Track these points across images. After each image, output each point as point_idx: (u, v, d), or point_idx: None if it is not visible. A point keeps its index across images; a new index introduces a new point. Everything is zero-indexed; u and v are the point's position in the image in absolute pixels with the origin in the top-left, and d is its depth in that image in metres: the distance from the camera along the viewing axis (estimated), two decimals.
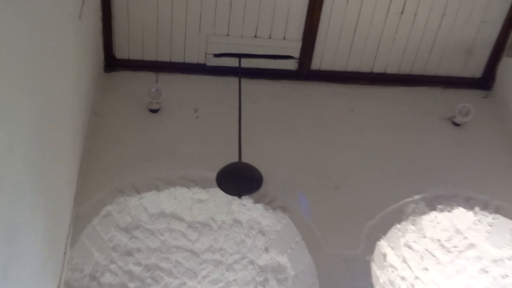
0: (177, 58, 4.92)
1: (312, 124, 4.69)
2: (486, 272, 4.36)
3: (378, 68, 5.08)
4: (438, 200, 4.28)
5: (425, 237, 4.30)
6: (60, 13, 3.32)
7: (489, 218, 4.26)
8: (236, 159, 3.92)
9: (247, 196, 4.06)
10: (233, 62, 4.92)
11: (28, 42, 2.69)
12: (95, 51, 4.53)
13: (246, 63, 4.90)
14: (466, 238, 4.33)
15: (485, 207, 4.27)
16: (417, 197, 4.27)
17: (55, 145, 3.31)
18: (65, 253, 3.65)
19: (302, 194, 4.18)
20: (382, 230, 4.09)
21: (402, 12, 4.77)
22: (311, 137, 4.59)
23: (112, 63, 4.86)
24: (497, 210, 4.26)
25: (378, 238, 4.05)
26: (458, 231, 4.32)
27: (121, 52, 4.85)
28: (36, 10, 2.82)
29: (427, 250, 4.34)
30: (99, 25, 4.60)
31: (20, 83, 2.60)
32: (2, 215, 2.48)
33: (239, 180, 3.85)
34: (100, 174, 4.11)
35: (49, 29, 3.08)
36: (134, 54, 4.87)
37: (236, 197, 3.90)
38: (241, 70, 4.80)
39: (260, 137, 4.48)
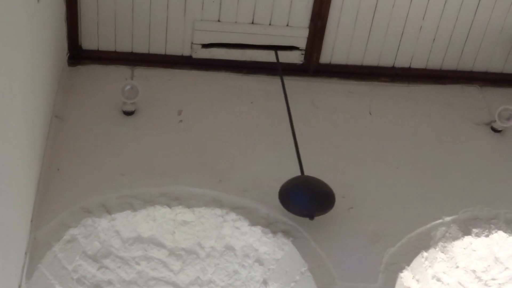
0: (157, 49, 4.96)
1: (321, 130, 4.72)
2: None
3: (402, 62, 5.13)
4: (473, 223, 4.29)
5: (457, 267, 4.29)
6: None
7: None
8: (231, 172, 3.98)
9: (232, 217, 4.13)
10: (224, 54, 4.95)
11: None
12: (57, 41, 4.54)
13: (240, 55, 4.92)
14: (507, 268, 4.34)
15: None
16: (448, 219, 4.28)
17: (5, 156, 3.30)
18: (19, 287, 3.64)
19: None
20: (405, 259, 4.08)
21: None
22: (319, 145, 4.60)
23: (77, 55, 4.88)
24: None
25: (401, 268, 4.03)
26: (497, 260, 4.32)
27: (89, 42, 4.88)
28: None
29: (460, 284, 4.33)
30: (62, 9, 4.62)
31: None
32: None
33: (312, 198, 3.99)
34: (63, 191, 4.10)
35: (5, 15, 3.09)
36: (104, 44, 4.91)
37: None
38: (230, 63, 4.84)
39: (258, 146, 4.51)
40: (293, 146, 4.30)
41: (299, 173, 4.16)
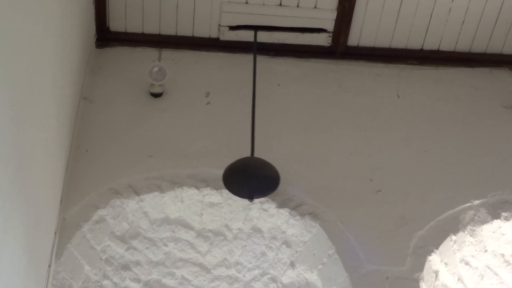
0: (185, 31, 4.94)
1: (348, 114, 4.70)
2: None
3: (430, 44, 5.07)
4: (502, 207, 4.28)
5: (486, 251, 4.29)
6: None
7: None
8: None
9: (266, 199, 4.12)
10: (252, 36, 4.93)
11: (3, 10, 2.70)
12: (85, 23, 4.55)
13: (268, 37, 4.91)
14: None
15: None
16: (476, 202, 4.27)
17: (36, 137, 3.32)
18: (49, 266, 3.68)
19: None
20: (433, 242, 4.10)
21: None
22: (347, 129, 4.59)
23: (105, 37, 4.88)
24: None
25: (429, 252, 4.05)
26: None
27: (117, 23, 4.88)
28: None
29: (488, 267, 4.34)
30: None
31: None
32: None
33: (250, 179, 3.91)
34: (92, 172, 4.14)
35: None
36: (132, 26, 4.90)
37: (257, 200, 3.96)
38: (259, 45, 4.81)
39: (284, 129, 4.51)
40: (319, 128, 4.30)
41: (324, 155, 4.18)
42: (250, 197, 3.93)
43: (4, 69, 2.73)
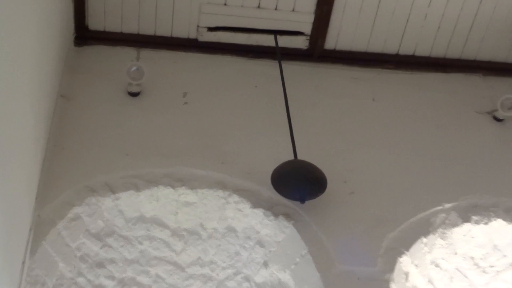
0: (163, 31, 4.96)
1: (324, 116, 4.72)
2: None
3: (406, 49, 5.13)
4: (473, 210, 4.29)
5: (456, 254, 4.31)
6: None
7: None
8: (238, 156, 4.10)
9: (234, 199, 4.16)
10: (230, 38, 4.95)
11: None
12: (63, 21, 4.53)
13: (246, 39, 4.92)
14: (505, 256, 4.35)
15: None
16: (448, 205, 4.29)
17: (11, 134, 3.30)
18: (23, 263, 3.66)
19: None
20: (404, 244, 4.10)
21: None
22: (322, 131, 4.61)
23: (84, 35, 4.88)
24: None
25: (400, 253, 4.05)
26: (496, 247, 4.33)
27: (96, 22, 4.88)
28: None
29: (458, 270, 4.35)
30: None
31: None
32: None
33: (303, 182, 4.00)
34: (68, 170, 4.12)
35: None
36: (111, 25, 4.90)
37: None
38: (239, 47, 4.84)
39: (260, 130, 4.52)
40: (297, 130, 4.31)
41: (299, 157, 4.19)
42: (303, 200, 4.00)
43: None
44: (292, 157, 4.19)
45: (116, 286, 4.24)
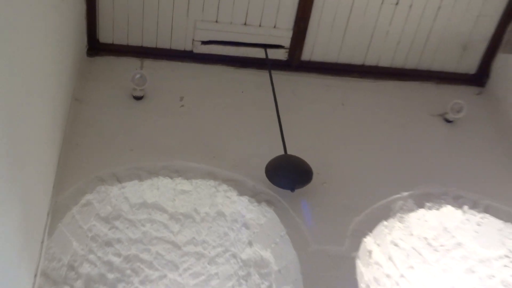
0: (163, 44, 4.94)
1: (301, 118, 4.71)
2: (473, 272, 4.39)
3: (371, 61, 5.13)
4: (426, 198, 4.30)
5: (412, 235, 4.32)
6: None
7: (477, 217, 4.29)
8: (225, 152, 4.09)
9: (223, 187, 4.15)
10: (220, 50, 4.94)
11: (4, 21, 2.68)
12: (77, 34, 4.52)
13: (235, 51, 4.92)
14: (453, 237, 4.37)
15: (474, 206, 4.30)
16: (405, 194, 4.29)
17: (32, 132, 3.29)
18: (42, 242, 3.65)
19: (304, 202, 4.18)
20: (368, 226, 4.10)
21: (397, 3, 4.81)
22: (299, 130, 4.59)
23: (95, 47, 4.86)
24: (486, 210, 4.29)
25: (364, 235, 4.05)
26: (445, 229, 4.35)
27: (105, 36, 4.86)
28: None
29: (413, 248, 4.36)
30: (82, 6, 4.59)
31: None
32: None
33: (292, 173, 4.01)
34: (81, 162, 4.10)
35: (29, 10, 3.07)
36: (118, 38, 4.88)
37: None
38: (229, 58, 4.84)
39: (245, 129, 4.52)
40: (277, 129, 4.29)
41: (282, 152, 4.16)
42: (292, 189, 3.99)
43: (5, 73, 2.72)
44: (276, 153, 4.17)
45: (122, 262, 4.23)
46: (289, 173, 4.03)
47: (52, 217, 3.81)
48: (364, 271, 4.02)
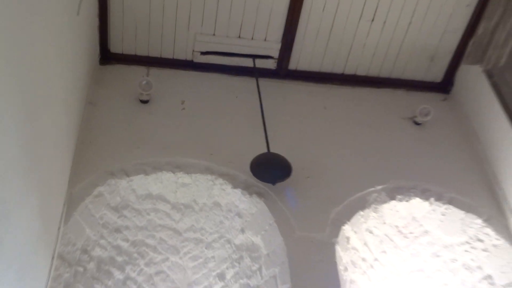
0: (167, 54, 4.93)
1: (288, 119, 4.72)
2: (438, 256, 4.42)
3: (349, 70, 5.13)
4: (397, 191, 4.32)
5: (384, 223, 4.34)
6: (59, 9, 3.31)
7: (442, 208, 4.32)
8: (219, 150, 4.10)
9: (219, 181, 4.16)
10: (217, 60, 4.95)
11: (26, 34, 2.69)
12: (91, 45, 4.53)
13: (229, 61, 4.93)
14: (421, 225, 4.39)
15: (439, 198, 4.32)
16: (379, 187, 4.31)
17: (49, 130, 3.30)
18: (59, 229, 3.65)
19: (290, 188, 4.18)
20: (346, 216, 4.12)
21: (372, 20, 4.82)
22: (286, 131, 4.61)
23: (107, 56, 4.85)
24: (450, 202, 4.31)
25: (343, 223, 4.07)
26: (414, 219, 4.37)
27: (116, 46, 4.85)
28: (39, 6, 2.83)
29: (386, 235, 4.38)
30: (95, 21, 4.59)
31: (15, 73, 2.59)
32: None
33: (273, 168, 4.03)
34: (93, 158, 4.10)
35: (49, 23, 3.08)
36: (127, 49, 4.87)
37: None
38: (225, 67, 4.85)
39: (238, 129, 4.52)
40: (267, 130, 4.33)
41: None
42: (273, 182, 4.01)
43: (29, 80, 2.73)
44: (265, 150, 4.19)
45: (130, 247, 4.24)
46: (270, 169, 4.05)
47: (67, 206, 3.82)
48: (343, 255, 4.05)
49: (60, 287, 3.63)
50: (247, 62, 4.97)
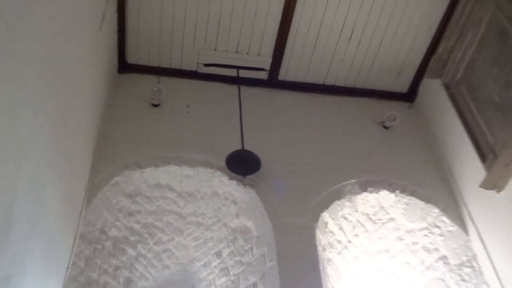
0: (175, 65, 4.93)
1: (276, 122, 4.73)
2: (401, 239, 4.45)
3: (329, 81, 5.14)
4: (368, 184, 4.34)
5: (357, 211, 4.36)
6: (85, 25, 3.33)
7: (405, 199, 4.34)
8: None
9: (218, 174, 4.15)
10: (218, 71, 4.95)
11: (59, 47, 2.71)
12: (111, 57, 4.52)
13: (228, 72, 4.94)
14: (388, 213, 4.41)
15: (403, 190, 4.35)
16: (353, 181, 4.32)
17: (75, 128, 3.32)
18: (81, 212, 3.67)
19: (280, 178, 4.18)
20: (325, 204, 4.14)
21: (350, 39, 4.84)
22: (275, 132, 4.63)
23: (124, 66, 4.85)
24: (412, 193, 4.34)
25: (322, 210, 4.09)
26: (382, 207, 4.39)
27: (132, 58, 4.85)
28: (67, 23, 2.85)
29: (358, 221, 4.40)
30: (114, 35, 4.60)
31: (49, 78, 2.62)
32: (32, 180, 2.51)
33: (244, 163, 4.01)
34: (111, 153, 4.11)
35: (76, 38, 3.10)
36: (141, 60, 4.87)
37: (238, 178, 4.07)
38: (224, 77, 4.87)
39: (234, 130, 4.47)
40: (256, 131, 4.37)
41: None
42: (244, 175, 4.01)
43: (59, 86, 2.74)
44: (257, 149, 4.19)
45: (141, 228, 4.25)
46: (240, 164, 4.02)
47: (88, 193, 3.83)
48: (321, 237, 4.07)
49: (81, 262, 3.65)
50: (243, 73, 4.97)
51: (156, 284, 4.37)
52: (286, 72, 5.05)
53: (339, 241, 4.32)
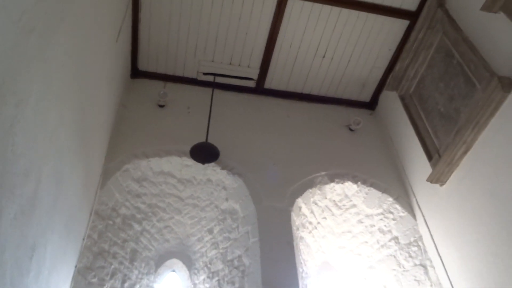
0: (179, 73, 4.90)
1: (261, 124, 4.72)
2: (362, 222, 4.46)
3: (307, 90, 5.14)
4: (335, 176, 4.36)
5: (326, 198, 4.37)
6: (103, 38, 3.30)
7: (366, 189, 4.37)
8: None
9: (211, 164, 4.10)
10: (215, 79, 4.92)
11: (82, 56, 2.69)
12: (125, 64, 4.49)
13: (222, 80, 4.91)
14: (351, 201, 4.43)
15: (364, 182, 4.37)
16: (323, 173, 4.34)
17: (94, 124, 3.30)
18: (96, 193, 3.66)
19: (274, 168, 4.13)
20: (299, 192, 4.15)
21: (324, 56, 4.85)
22: (260, 131, 4.61)
23: (136, 72, 4.81)
24: (371, 185, 4.37)
25: (297, 196, 4.11)
26: (346, 196, 4.41)
27: (143, 65, 4.81)
28: (90, 36, 2.83)
29: (326, 206, 4.41)
30: (128, 46, 4.56)
31: (72, 82, 2.60)
32: (54, 165, 2.49)
33: (204, 153, 3.93)
34: (123, 145, 4.09)
35: (96, 48, 3.08)
36: (151, 67, 4.84)
37: (207, 164, 3.99)
38: (217, 84, 4.84)
39: (226, 129, 4.50)
40: (243, 130, 4.38)
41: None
42: (203, 162, 3.97)
43: (80, 88, 2.72)
44: (244, 144, 4.23)
45: (146, 208, 4.23)
46: (200, 153, 3.94)
47: (103, 177, 3.81)
48: (296, 219, 4.08)
49: (95, 235, 3.64)
50: (234, 82, 4.96)
51: (158, 254, 4.37)
52: (271, 82, 5.04)
53: (310, 223, 4.34)
